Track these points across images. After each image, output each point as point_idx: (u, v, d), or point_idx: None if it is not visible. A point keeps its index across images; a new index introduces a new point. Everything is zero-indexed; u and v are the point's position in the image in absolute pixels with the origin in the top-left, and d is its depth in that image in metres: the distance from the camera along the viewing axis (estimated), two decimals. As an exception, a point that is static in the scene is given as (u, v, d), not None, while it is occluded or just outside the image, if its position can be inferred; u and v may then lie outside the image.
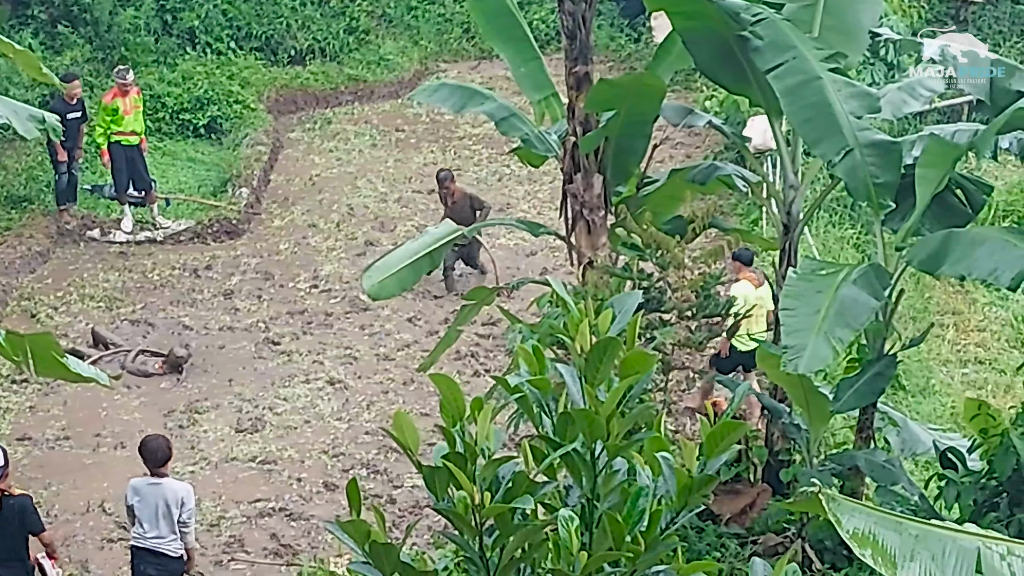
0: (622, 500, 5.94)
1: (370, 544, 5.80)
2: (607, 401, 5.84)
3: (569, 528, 5.70)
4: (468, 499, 5.67)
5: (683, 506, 5.96)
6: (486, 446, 5.79)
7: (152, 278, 22.94)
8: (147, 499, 13.72)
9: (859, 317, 12.16)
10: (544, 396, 6.05)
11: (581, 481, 5.98)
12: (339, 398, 19.63)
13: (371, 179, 26.93)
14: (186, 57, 29.23)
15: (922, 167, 13.00)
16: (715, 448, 6.01)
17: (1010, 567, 7.02)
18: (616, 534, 5.72)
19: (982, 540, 7.25)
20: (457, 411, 5.85)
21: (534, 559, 5.92)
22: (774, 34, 13.30)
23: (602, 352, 5.94)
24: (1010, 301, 23.38)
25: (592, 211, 14.63)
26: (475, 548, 5.79)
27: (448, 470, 5.71)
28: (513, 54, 15.55)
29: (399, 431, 5.86)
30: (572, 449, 5.85)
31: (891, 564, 6.96)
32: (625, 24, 32.62)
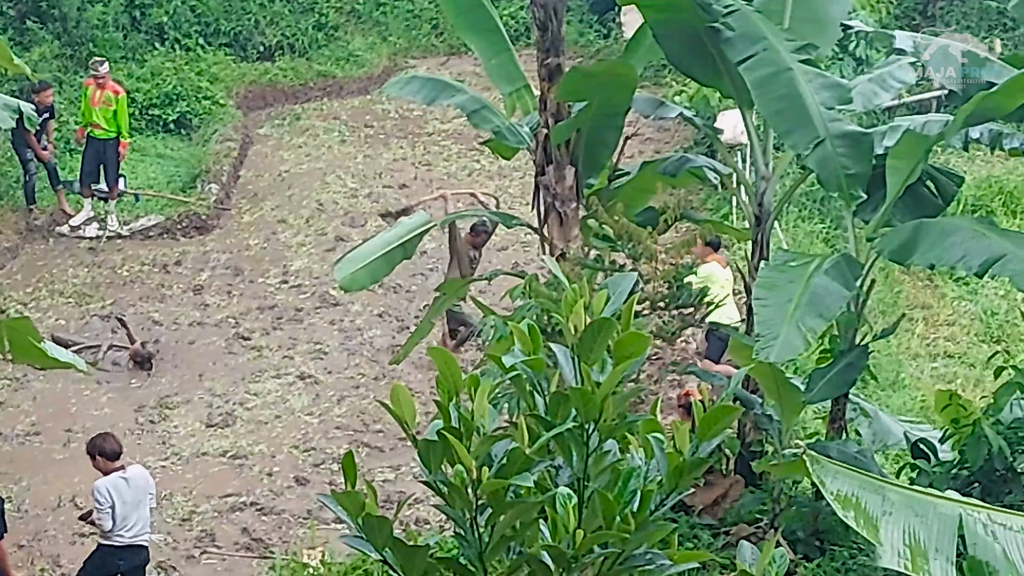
0: (613, 480, 5.95)
1: (364, 517, 5.79)
2: (605, 381, 5.87)
3: (567, 506, 5.72)
4: (465, 474, 5.67)
5: (674, 488, 5.98)
6: (481, 423, 5.79)
7: (122, 274, 22.87)
8: (128, 494, 13.69)
9: (831, 307, 12.21)
10: (537, 376, 6.05)
11: (572, 461, 5.99)
12: (310, 393, 19.61)
13: (340, 175, 26.89)
14: (155, 53, 29.17)
15: (893, 158, 13.05)
16: (708, 432, 6.03)
17: (993, 534, 7.07)
18: (607, 513, 5.75)
19: (963, 507, 7.31)
20: (454, 386, 5.84)
21: (526, 537, 5.92)
22: (745, 25, 13.35)
23: (596, 332, 5.96)
24: (979, 295, 23.50)
25: (564, 203, 14.64)
26: (468, 524, 5.79)
27: (443, 444, 5.70)
28: (484, 46, 15.55)
29: (396, 404, 5.84)
30: (566, 429, 5.86)
31: (873, 526, 7.00)
32: (595, 20, 32.67)
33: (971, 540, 7.06)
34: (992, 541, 6.98)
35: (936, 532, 7.06)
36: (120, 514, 13.70)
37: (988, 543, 6.96)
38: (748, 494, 14.20)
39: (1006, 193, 25.99)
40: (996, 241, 12.31)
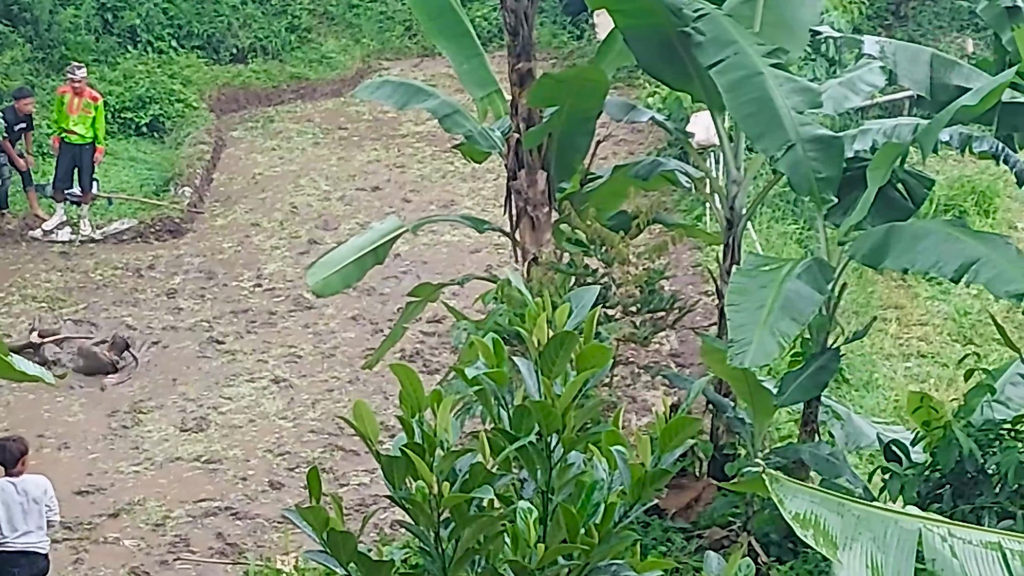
0: (577, 493, 5.97)
1: (328, 532, 5.80)
2: (564, 394, 5.88)
3: (528, 520, 5.73)
4: (427, 489, 5.67)
5: (636, 499, 6.00)
6: (444, 438, 5.81)
7: (94, 278, 22.83)
8: (10, 498, 13.60)
9: (804, 311, 12.23)
10: (501, 388, 6.07)
11: (536, 474, 6.01)
12: (284, 397, 19.59)
13: (314, 177, 26.90)
14: (127, 56, 29.15)
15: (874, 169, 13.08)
16: (669, 443, 6.05)
17: (951, 548, 7.07)
18: (571, 526, 5.75)
19: (923, 522, 7.31)
20: (416, 402, 5.86)
21: (489, 551, 5.94)
22: (715, 30, 13.37)
23: (559, 345, 5.98)
24: (952, 295, 23.58)
25: (536, 207, 14.66)
26: (431, 539, 5.80)
27: (406, 460, 5.71)
28: (455, 51, 15.56)
29: (359, 420, 5.86)
30: (528, 441, 5.87)
31: (832, 545, 7.00)
32: (568, 21, 32.72)
33: (930, 556, 7.07)
34: (951, 557, 6.99)
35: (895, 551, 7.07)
36: (5, 519, 13.61)
37: (947, 559, 6.98)
38: (721, 497, 14.22)
39: (978, 193, 26.10)
40: (970, 244, 12.33)
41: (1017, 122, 13.50)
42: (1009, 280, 11.90)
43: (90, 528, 16.34)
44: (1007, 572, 7.00)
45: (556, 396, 5.84)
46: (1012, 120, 13.42)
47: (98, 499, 16.98)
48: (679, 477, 14.55)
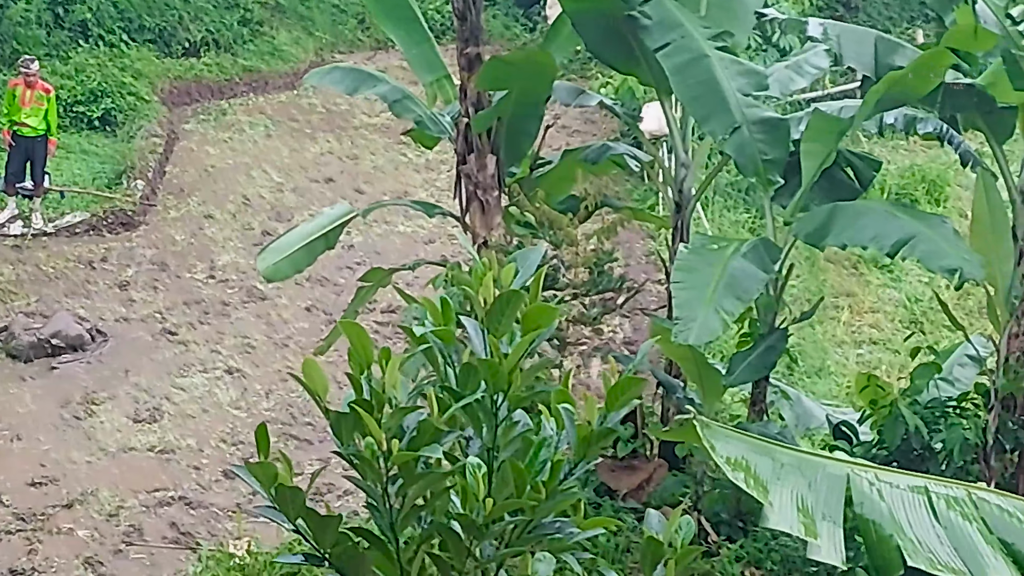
0: (523, 450, 6.03)
1: (276, 487, 5.86)
2: (511, 353, 5.94)
3: (476, 475, 5.79)
4: (375, 446, 5.72)
5: (582, 457, 6.06)
6: (393, 395, 5.86)
7: (47, 270, 22.74)
8: None
9: (749, 289, 12.34)
10: (448, 347, 6.12)
11: (482, 431, 6.07)
12: (237, 386, 19.61)
13: (267, 169, 26.90)
14: (79, 50, 29.03)
15: (807, 142, 13.22)
16: (616, 402, 6.11)
17: (879, 492, 7.17)
18: (517, 482, 5.82)
19: (851, 467, 7.42)
20: (365, 359, 5.91)
21: (436, 506, 5.99)
22: (662, 13, 13.48)
23: (505, 304, 6.03)
24: (903, 283, 23.81)
25: (486, 191, 14.70)
26: (379, 494, 5.85)
27: (355, 416, 5.76)
28: (404, 36, 15.59)
29: (309, 378, 5.91)
30: (474, 399, 5.92)
31: (763, 488, 7.09)
32: (520, 14, 32.82)
33: (858, 499, 7.17)
34: (878, 500, 7.09)
35: (824, 494, 7.16)
36: None
37: (875, 502, 7.08)
38: (671, 477, 14.31)
39: (928, 181, 26.35)
40: (908, 222, 12.50)
41: (960, 103, 13.65)
42: (943, 255, 12.07)
43: (43, 519, 16.31)
44: (932, 514, 7.11)
45: (503, 355, 5.90)
46: (955, 101, 13.57)
47: (51, 490, 16.95)
48: (630, 458, 14.63)
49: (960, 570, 6.86)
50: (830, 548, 7.07)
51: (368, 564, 5.98)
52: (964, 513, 7.07)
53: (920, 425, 13.24)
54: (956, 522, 7.04)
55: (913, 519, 7.04)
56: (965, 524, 7.03)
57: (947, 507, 7.09)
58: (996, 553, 6.95)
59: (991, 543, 6.98)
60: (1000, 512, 7.14)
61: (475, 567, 5.94)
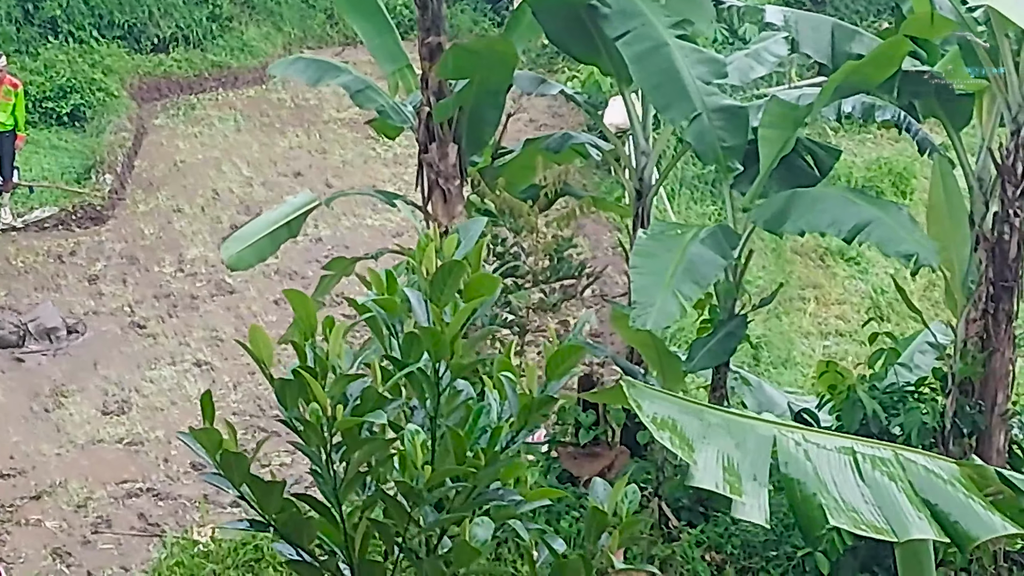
0: (465, 418, 6.11)
1: (221, 454, 5.94)
2: (452, 321, 6.03)
3: (415, 442, 5.88)
4: (320, 412, 5.81)
5: (523, 425, 6.16)
6: (337, 363, 5.94)
7: (16, 264, 22.80)
8: None
9: (707, 275, 12.44)
10: (391, 317, 6.21)
11: (425, 400, 6.16)
12: (205, 379, 19.68)
13: (236, 163, 26.95)
14: (48, 46, 29.06)
15: (764, 128, 13.31)
16: (556, 370, 6.21)
17: (805, 452, 7.25)
18: (458, 449, 5.91)
19: (778, 428, 7.49)
20: (310, 327, 6.00)
21: (379, 473, 6.08)
22: (622, 2, 13.57)
23: (447, 275, 6.13)
24: (869, 275, 23.91)
25: (448, 180, 14.76)
26: (323, 460, 5.94)
27: (300, 383, 5.85)
28: (367, 27, 15.66)
29: (254, 344, 6.00)
30: (417, 368, 6.01)
31: (688, 447, 7.15)
32: (489, 8, 32.90)
33: (783, 459, 7.23)
34: (804, 459, 7.17)
35: (751, 453, 7.22)
36: None
37: (800, 461, 7.15)
38: (633, 464, 14.40)
39: (895, 174, 26.45)
40: (865, 208, 12.60)
41: (918, 90, 13.76)
42: (900, 241, 12.19)
43: (11, 510, 16.39)
44: (857, 474, 7.19)
45: (445, 324, 5.99)
46: (913, 88, 13.67)
47: (19, 481, 17.01)
48: (592, 445, 14.73)
49: (883, 528, 6.94)
50: (754, 507, 7.15)
51: (313, 530, 6.07)
52: (890, 473, 7.16)
53: (878, 409, 13.37)
54: (881, 482, 7.12)
55: (838, 479, 7.13)
56: (891, 484, 7.12)
57: (872, 467, 7.17)
58: (920, 513, 7.04)
59: (915, 503, 7.08)
60: (926, 473, 7.24)
61: (418, 533, 6.03)
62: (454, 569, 6.03)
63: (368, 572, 6.16)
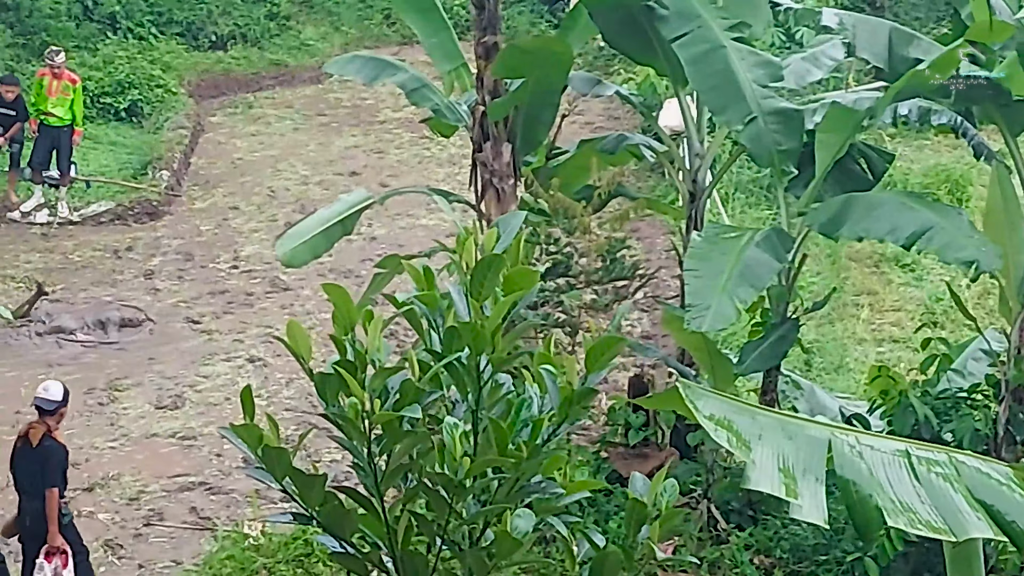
0: (506, 411, 6.11)
1: (263, 448, 5.96)
2: (492, 315, 6.03)
3: (454, 435, 5.88)
4: (359, 406, 5.82)
5: (564, 418, 6.16)
6: (376, 356, 5.96)
7: (74, 259, 22.97)
8: None
9: (762, 278, 12.42)
10: (432, 312, 6.22)
11: (466, 394, 6.16)
12: (259, 375, 19.73)
13: (293, 162, 27.07)
14: (107, 42, 29.31)
15: (822, 132, 13.27)
16: (596, 363, 6.21)
17: (860, 454, 7.20)
18: (500, 441, 5.92)
19: (832, 430, 7.45)
20: (349, 321, 6.02)
21: (420, 465, 6.09)
22: (679, 4, 13.55)
23: (487, 268, 6.13)
24: (924, 282, 23.74)
25: (501, 179, 14.78)
26: (364, 454, 5.95)
27: (339, 378, 5.86)
28: (423, 25, 15.68)
29: (292, 339, 6.03)
30: (458, 361, 6.02)
31: (745, 447, 7.11)
32: (545, 10, 32.94)
33: (838, 461, 7.20)
34: (859, 461, 7.13)
35: (806, 454, 7.18)
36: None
37: (855, 463, 7.11)
38: (683, 466, 14.39)
39: (952, 181, 26.24)
40: (924, 214, 12.54)
41: (975, 96, 13.66)
42: (960, 248, 12.12)
43: (65, 502, 16.43)
44: (913, 475, 7.15)
45: (485, 317, 6.00)
46: (970, 94, 13.58)
47: (73, 474, 16.97)
48: (642, 446, 14.73)
49: (940, 528, 6.90)
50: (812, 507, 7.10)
51: (355, 522, 6.09)
52: (945, 475, 7.11)
53: (930, 415, 13.28)
54: (937, 483, 7.07)
55: (894, 480, 7.09)
56: (946, 485, 7.07)
57: (928, 469, 7.13)
58: (977, 512, 7.00)
59: (971, 504, 7.03)
60: (980, 475, 7.19)
61: (459, 525, 6.04)
62: (496, 561, 6.04)
63: (410, 564, 6.18)
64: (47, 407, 13.82)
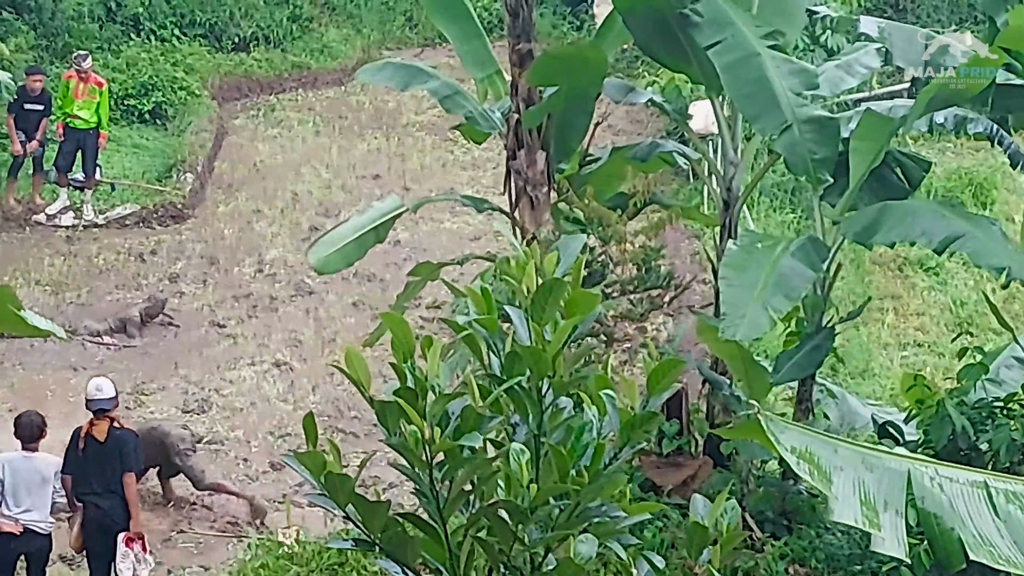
0: (567, 436, 6.08)
1: (326, 475, 5.93)
2: (554, 339, 6.00)
3: (520, 461, 5.85)
4: (419, 434, 5.79)
5: (626, 442, 6.12)
6: (436, 382, 5.92)
7: (97, 263, 22.98)
8: (23, 474, 13.68)
9: (797, 287, 12.36)
10: (492, 335, 6.18)
11: (528, 418, 6.12)
12: (284, 380, 19.76)
13: (315, 166, 27.08)
14: (130, 44, 29.32)
15: (857, 140, 13.21)
16: (656, 386, 6.17)
17: (939, 486, 7.18)
18: (561, 467, 5.88)
19: (911, 462, 7.42)
20: (407, 348, 5.98)
21: (483, 492, 6.05)
22: (713, 11, 13.48)
23: (548, 293, 6.10)
24: (948, 286, 23.72)
25: (535, 187, 14.74)
26: (426, 481, 5.92)
27: (399, 406, 5.83)
28: (457, 32, 15.64)
29: (351, 368, 5.99)
30: (519, 386, 5.99)
31: (826, 479, 7.09)
32: (568, 12, 32.92)
33: (919, 493, 7.17)
34: (939, 493, 7.10)
35: (886, 487, 7.15)
36: (9, 491, 13.70)
37: (935, 495, 7.09)
38: (716, 475, 14.33)
39: (976, 184, 26.24)
40: (957, 221, 12.51)
41: (1011, 104, 13.61)
42: (992, 254, 12.09)
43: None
44: (992, 508, 7.12)
45: (546, 342, 5.96)
46: (1006, 102, 13.52)
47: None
48: (676, 455, 14.67)
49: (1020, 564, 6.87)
50: (893, 540, 7.07)
51: (417, 548, 6.06)
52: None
53: (966, 425, 13.19)
54: (1016, 516, 7.05)
55: (973, 513, 7.05)
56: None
57: (1007, 501, 7.11)
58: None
59: (1050, 538, 7.02)
60: (1059, 507, 7.18)
61: (522, 551, 6.01)
62: (560, 586, 6.01)
63: (473, 590, 6.16)
64: (106, 406, 13.94)
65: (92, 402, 14.00)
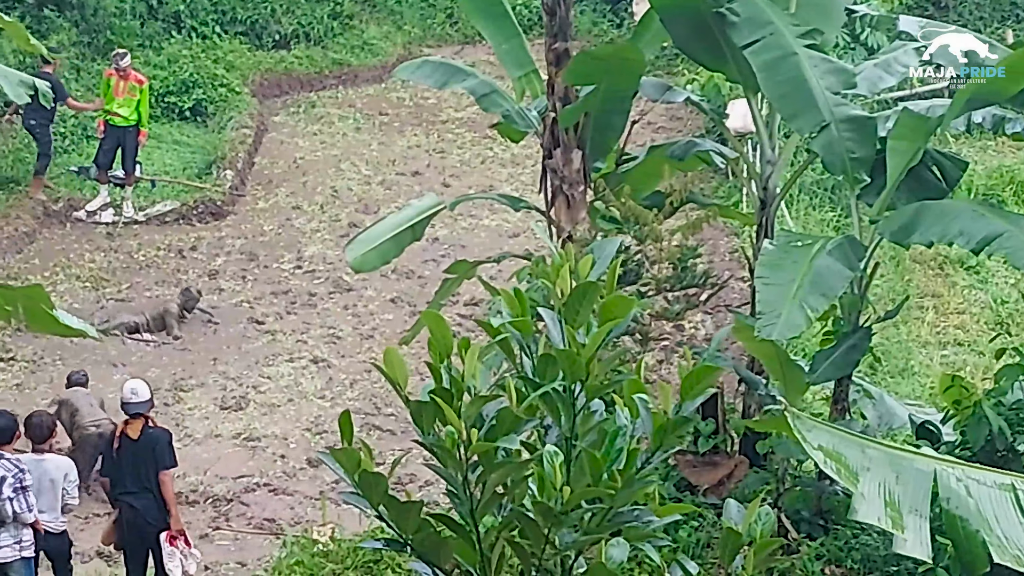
0: (600, 439, 6.08)
1: (360, 473, 5.95)
2: (588, 343, 6.00)
3: (554, 464, 5.86)
4: (455, 435, 5.80)
5: (659, 446, 6.12)
6: (472, 384, 5.93)
7: (138, 258, 23.11)
8: (32, 475, 13.70)
9: (833, 287, 12.31)
10: (526, 338, 6.19)
11: (560, 421, 6.13)
12: (322, 376, 19.81)
13: (355, 162, 27.15)
14: (171, 41, 29.45)
15: (894, 139, 13.17)
16: (690, 391, 6.16)
17: (966, 488, 7.15)
18: (594, 471, 5.88)
19: (938, 463, 7.40)
20: (445, 348, 6.00)
21: (516, 494, 6.06)
22: (751, 10, 13.45)
23: (582, 296, 6.10)
24: (989, 284, 23.60)
25: (572, 186, 14.75)
26: (460, 482, 5.94)
27: (435, 405, 5.85)
28: (494, 31, 15.66)
29: (389, 367, 6.01)
30: (553, 389, 5.99)
31: (853, 477, 7.08)
32: (608, 9, 32.89)
33: (945, 495, 7.15)
34: (966, 496, 7.07)
35: (912, 488, 7.13)
36: None
37: (962, 498, 7.06)
38: (752, 474, 14.30)
39: (1017, 183, 26.10)
40: (995, 221, 12.43)
41: (1051, 104, 13.56)
42: (1031, 253, 12.01)
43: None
44: (1019, 510, 7.09)
45: (580, 345, 5.96)
46: (1045, 102, 13.48)
47: (139, 473, 17.16)
48: (711, 454, 14.65)
49: (1048, 568, 6.85)
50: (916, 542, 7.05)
51: (449, 550, 6.07)
52: (1052, 511, 7.07)
53: (1004, 426, 13.14)
54: (1044, 520, 7.03)
55: (1000, 516, 7.02)
56: (1053, 522, 7.03)
57: (1035, 504, 7.09)
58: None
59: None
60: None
61: (554, 554, 6.02)
62: (591, 590, 6.02)
63: (504, 592, 6.18)
64: (141, 409, 13.97)
65: (128, 405, 14.04)
